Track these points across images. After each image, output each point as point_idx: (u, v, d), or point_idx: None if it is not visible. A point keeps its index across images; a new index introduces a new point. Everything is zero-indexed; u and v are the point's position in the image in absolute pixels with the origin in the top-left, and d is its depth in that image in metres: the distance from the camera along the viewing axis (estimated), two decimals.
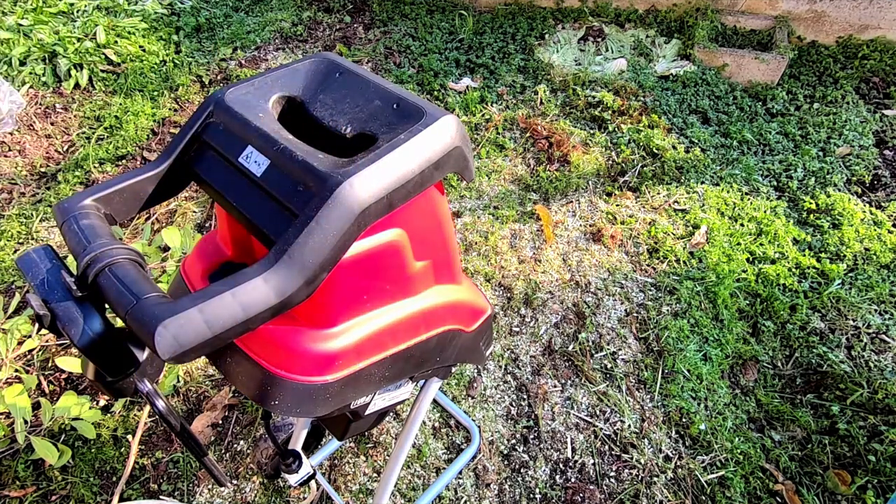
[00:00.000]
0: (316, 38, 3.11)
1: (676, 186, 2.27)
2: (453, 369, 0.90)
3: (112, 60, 2.76)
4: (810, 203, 2.19)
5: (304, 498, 1.42)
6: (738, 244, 2.05)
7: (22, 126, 2.49)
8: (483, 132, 2.50)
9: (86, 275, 0.46)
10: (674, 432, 1.58)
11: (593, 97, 2.62)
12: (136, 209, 0.58)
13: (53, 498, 1.42)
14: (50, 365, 1.63)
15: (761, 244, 2.05)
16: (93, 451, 1.48)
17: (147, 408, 1.53)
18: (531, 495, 1.45)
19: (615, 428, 1.58)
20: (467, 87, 2.72)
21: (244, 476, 1.46)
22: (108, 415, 1.54)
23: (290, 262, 0.46)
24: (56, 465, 1.36)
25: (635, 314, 1.84)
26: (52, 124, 2.51)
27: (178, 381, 1.63)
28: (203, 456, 0.58)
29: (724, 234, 2.08)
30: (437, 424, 1.58)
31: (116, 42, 2.80)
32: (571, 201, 2.23)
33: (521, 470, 1.50)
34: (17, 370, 1.51)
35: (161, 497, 1.42)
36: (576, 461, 1.52)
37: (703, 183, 2.29)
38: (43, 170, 2.32)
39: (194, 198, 2.21)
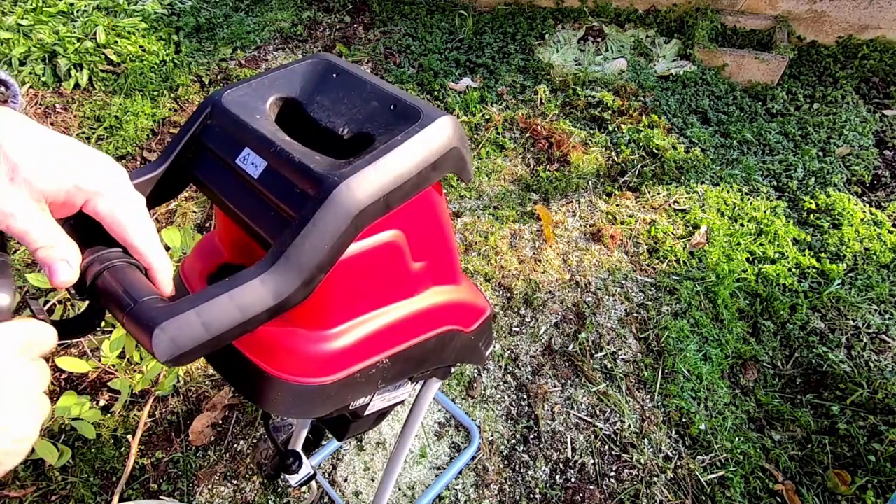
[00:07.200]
0: (316, 38, 3.11)
1: (676, 186, 2.26)
2: (453, 369, 0.90)
3: (112, 60, 2.76)
4: (810, 203, 2.18)
5: (305, 498, 1.42)
6: (738, 244, 2.04)
7: None
8: (483, 132, 2.50)
9: (84, 278, 0.46)
10: (674, 432, 1.58)
11: (593, 97, 2.62)
12: None
13: (53, 498, 1.42)
14: (50, 365, 1.64)
15: (761, 244, 2.05)
16: (93, 451, 1.49)
17: (147, 408, 1.53)
18: (531, 495, 1.45)
19: (615, 428, 1.58)
20: (467, 87, 2.72)
21: (244, 476, 1.46)
22: (108, 415, 1.54)
23: (287, 264, 0.46)
24: (56, 465, 1.36)
25: (635, 314, 1.84)
26: (52, 124, 2.51)
27: (178, 381, 1.63)
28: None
29: (724, 234, 2.07)
30: (437, 424, 1.58)
31: (116, 42, 2.80)
32: (571, 201, 2.23)
33: (522, 470, 1.50)
34: None
35: (161, 497, 1.42)
36: (576, 461, 1.52)
37: (703, 183, 2.29)
38: None
39: (194, 198, 2.21)
